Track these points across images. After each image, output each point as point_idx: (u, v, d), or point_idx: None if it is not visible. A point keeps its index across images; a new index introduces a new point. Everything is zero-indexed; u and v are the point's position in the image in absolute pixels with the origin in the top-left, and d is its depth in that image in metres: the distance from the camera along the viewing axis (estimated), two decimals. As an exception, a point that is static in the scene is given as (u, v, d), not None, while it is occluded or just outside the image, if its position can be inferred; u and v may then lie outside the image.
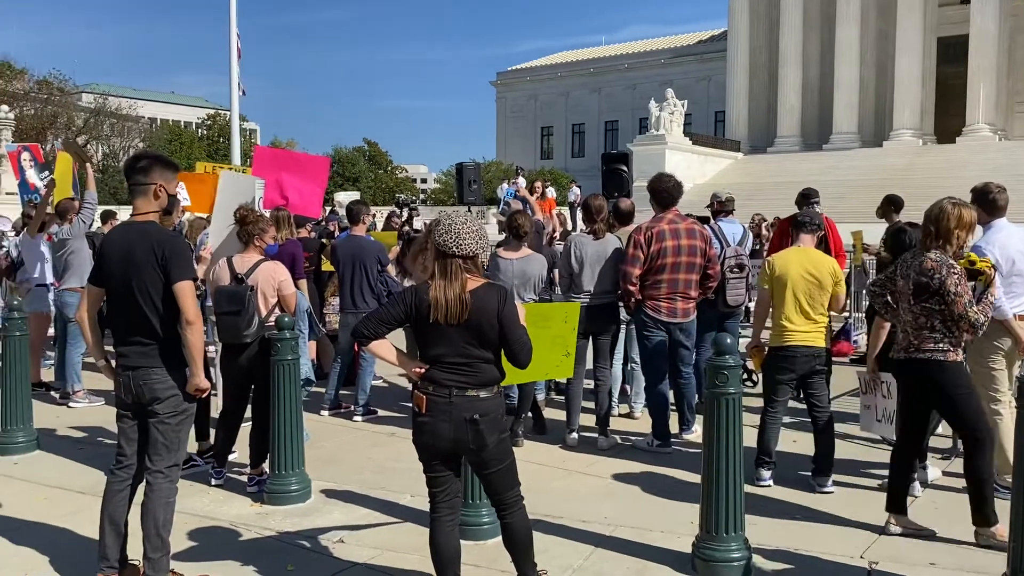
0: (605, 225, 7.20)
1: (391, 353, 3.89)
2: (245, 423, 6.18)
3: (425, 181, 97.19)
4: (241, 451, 6.34)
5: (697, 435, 6.91)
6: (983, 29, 41.04)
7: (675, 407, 7.23)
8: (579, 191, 29.89)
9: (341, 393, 8.33)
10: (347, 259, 8.01)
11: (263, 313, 5.89)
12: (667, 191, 6.95)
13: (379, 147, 67.88)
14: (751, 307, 9.68)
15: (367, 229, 8.60)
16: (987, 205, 5.89)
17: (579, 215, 10.86)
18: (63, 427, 7.68)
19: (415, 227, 13.55)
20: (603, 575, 4.62)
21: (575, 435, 7.07)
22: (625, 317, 7.37)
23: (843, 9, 44.49)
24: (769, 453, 6.03)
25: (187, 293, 4.16)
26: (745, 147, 46.96)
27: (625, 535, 5.09)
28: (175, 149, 53.08)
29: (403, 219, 14.35)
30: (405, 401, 8.42)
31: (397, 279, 8.60)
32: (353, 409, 8.07)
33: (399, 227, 13.43)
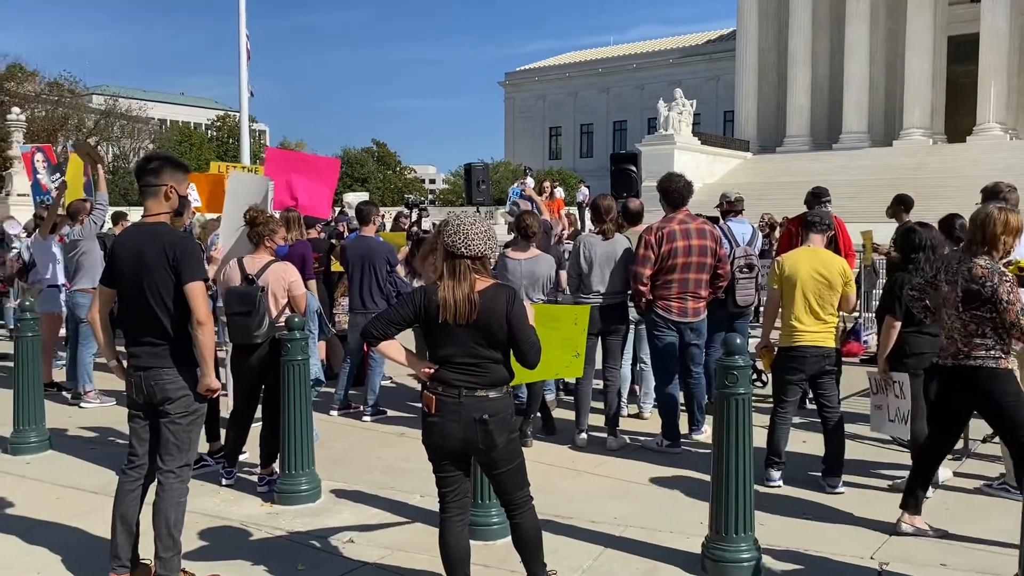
0: (614, 225, 7.19)
1: (400, 354, 3.90)
2: (255, 423, 6.21)
3: (434, 182, 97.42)
4: (251, 451, 6.37)
5: (706, 435, 6.91)
6: (994, 27, 40.85)
7: (684, 407, 7.23)
8: (587, 191, 29.85)
9: (350, 393, 8.35)
10: (356, 260, 8.03)
11: (274, 314, 5.92)
12: (678, 191, 6.95)
13: (387, 148, 68.11)
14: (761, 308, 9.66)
15: (376, 230, 8.61)
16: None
17: (587, 215, 10.85)
18: (75, 427, 7.72)
19: (424, 228, 13.57)
20: (613, 575, 4.62)
21: (584, 435, 7.07)
22: (634, 317, 7.37)
23: (852, 8, 44.34)
24: (779, 453, 6.02)
25: (198, 294, 4.18)
26: (754, 147, 46.85)
27: (635, 535, 5.09)
28: (185, 150, 53.30)
29: (412, 220, 14.37)
30: (414, 401, 8.43)
31: (406, 280, 8.62)
32: (362, 409, 8.09)
33: (408, 228, 13.46)
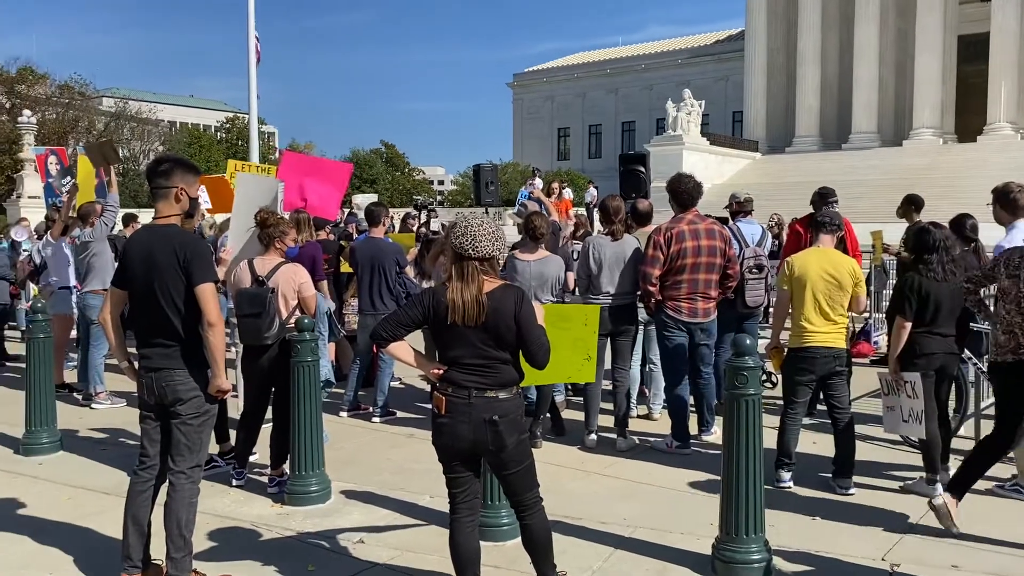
0: (623, 226, 7.19)
1: (409, 355, 3.91)
2: (266, 424, 6.23)
3: (442, 183, 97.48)
4: (262, 452, 6.39)
5: (716, 436, 6.89)
6: (1004, 26, 40.69)
7: (694, 408, 7.22)
8: (596, 192, 29.81)
9: (360, 394, 8.37)
10: (366, 261, 8.05)
11: (283, 315, 5.94)
12: (687, 192, 6.94)
13: (396, 149, 68.17)
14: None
15: (385, 231, 8.63)
16: (1009, 205, 5.85)
17: (596, 216, 10.84)
18: (86, 428, 7.76)
19: (433, 229, 13.59)
20: (623, 576, 4.61)
21: (594, 436, 7.07)
22: (643, 318, 7.36)
23: (862, 8, 44.23)
24: (789, 454, 6.01)
25: (209, 295, 4.20)
26: (763, 147, 46.76)
27: (644, 536, 5.08)
28: (194, 152, 53.42)
29: (421, 221, 14.39)
30: (423, 402, 8.45)
31: (415, 281, 8.63)
32: (372, 410, 8.10)
33: (417, 229, 13.48)
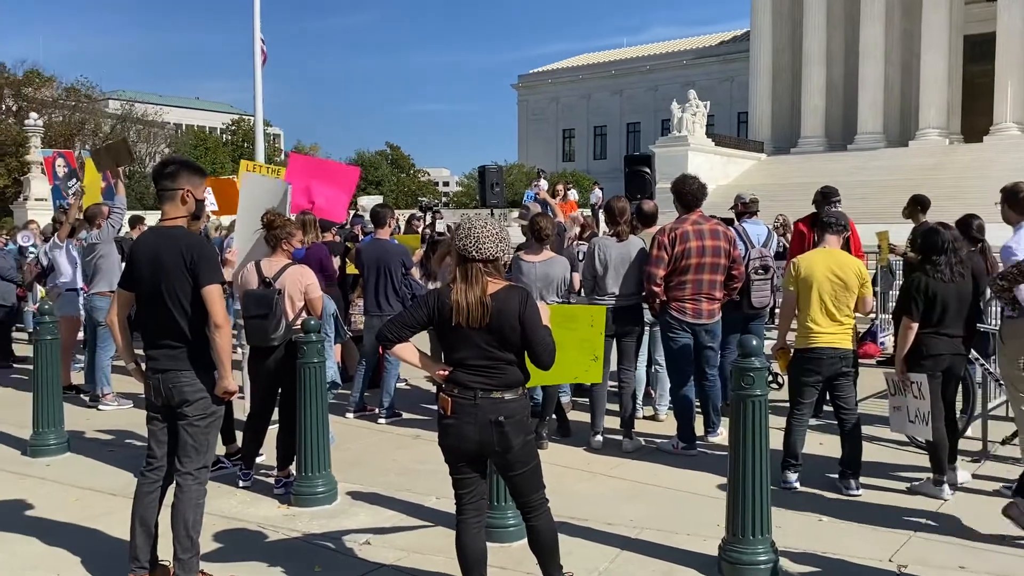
0: (628, 227, 7.19)
1: (415, 356, 3.91)
2: (272, 425, 6.24)
3: (447, 184, 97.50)
4: (268, 453, 6.40)
5: (722, 437, 6.88)
6: (1010, 26, 40.51)
7: (700, 409, 7.21)
8: (601, 193, 29.81)
9: (366, 395, 8.38)
10: (371, 262, 8.06)
11: (290, 316, 5.95)
12: (691, 193, 6.95)
13: (401, 151, 68.21)
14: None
15: (391, 232, 8.64)
16: (1017, 205, 5.82)
17: (601, 217, 10.86)
18: (93, 430, 7.78)
19: (438, 230, 13.62)
20: (629, 577, 4.61)
21: (599, 437, 7.07)
22: (649, 319, 7.36)
23: (867, 8, 44.10)
24: (796, 455, 6.00)
25: (215, 297, 4.21)
26: (768, 148, 46.66)
27: (651, 538, 5.08)
28: (200, 154, 53.57)
29: (426, 222, 14.43)
30: (429, 403, 8.46)
31: (421, 282, 8.64)
32: (377, 411, 8.11)
33: (422, 230, 13.50)
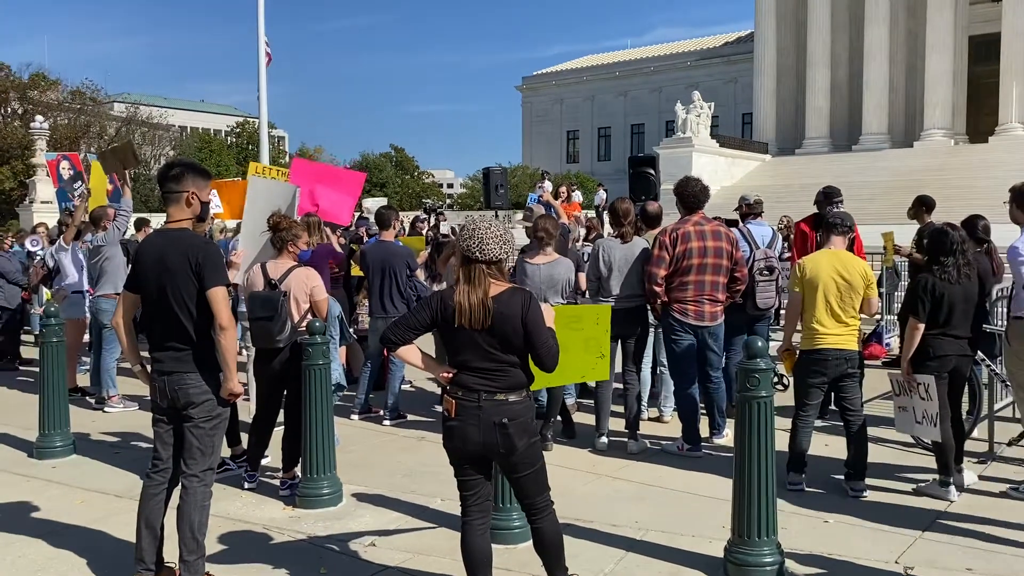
0: (632, 228, 7.19)
1: (419, 358, 3.91)
2: (277, 427, 6.25)
3: (452, 186, 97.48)
4: (273, 455, 6.41)
5: (728, 439, 6.88)
6: (1016, 26, 40.39)
7: (705, 411, 7.20)
8: (605, 195, 29.81)
9: (370, 397, 8.38)
10: (376, 264, 8.07)
11: (295, 318, 5.96)
12: (693, 195, 6.96)
13: (406, 152, 68.32)
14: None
15: (396, 234, 8.65)
16: (1026, 205, 5.81)
17: (606, 218, 10.87)
18: (99, 432, 7.80)
19: (442, 232, 13.64)
20: (634, 579, 4.60)
21: (605, 439, 7.06)
22: (653, 320, 7.35)
23: (872, 9, 44.02)
24: (801, 457, 5.99)
25: (220, 299, 4.22)
26: (773, 149, 46.59)
27: (656, 539, 5.08)
28: (205, 157, 53.65)
29: (431, 224, 14.45)
30: (434, 405, 8.46)
31: (426, 284, 8.64)
32: (382, 413, 8.12)
33: (426, 232, 13.52)
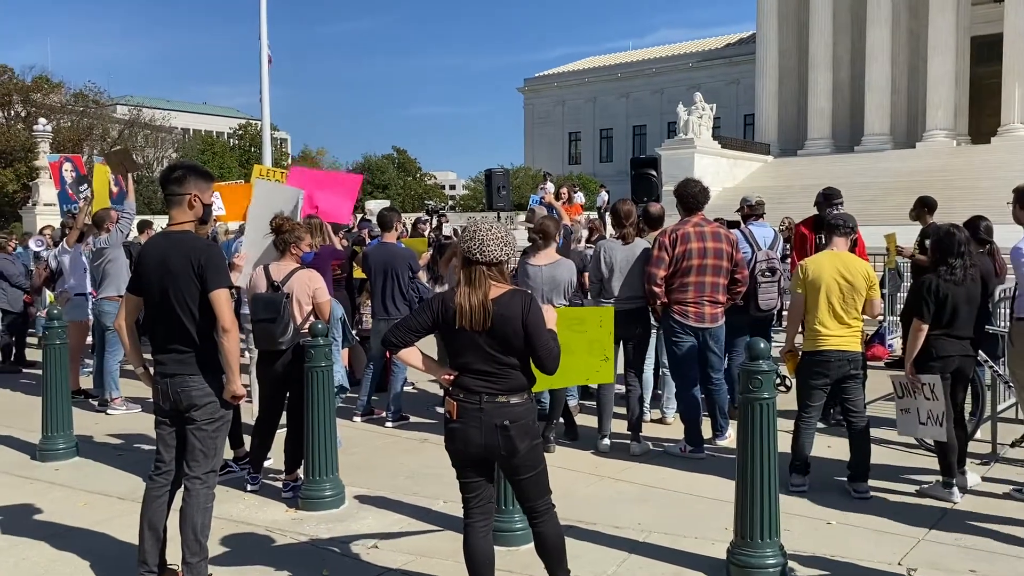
0: (634, 229, 7.20)
1: (420, 360, 3.91)
2: (280, 429, 6.25)
3: (454, 187, 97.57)
4: (276, 457, 6.41)
5: (730, 441, 6.87)
6: (1018, 27, 40.33)
7: (707, 413, 7.20)
8: (607, 196, 29.79)
9: (373, 399, 8.39)
10: (378, 266, 8.07)
11: (298, 320, 5.97)
12: (693, 196, 6.97)
13: (408, 154, 68.29)
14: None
15: (398, 236, 8.65)
16: (1030, 206, 5.81)
17: (608, 220, 10.87)
18: (102, 434, 7.81)
19: (444, 234, 13.63)
20: (637, 581, 4.60)
21: (607, 441, 7.06)
22: (656, 322, 7.35)
23: (873, 11, 43.99)
24: (804, 458, 5.98)
25: (223, 301, 4.23)
26: (775, 150, 46.56)
27: (659, 541, 5.07)
28: (208, 159, 53.70)
29: (433, 226, 14.43)
30: (436, 407, 8.46)
31: (428, 285, 8.64)
32: (385, 415, 8.12)
33: (428, 234, 13.51)
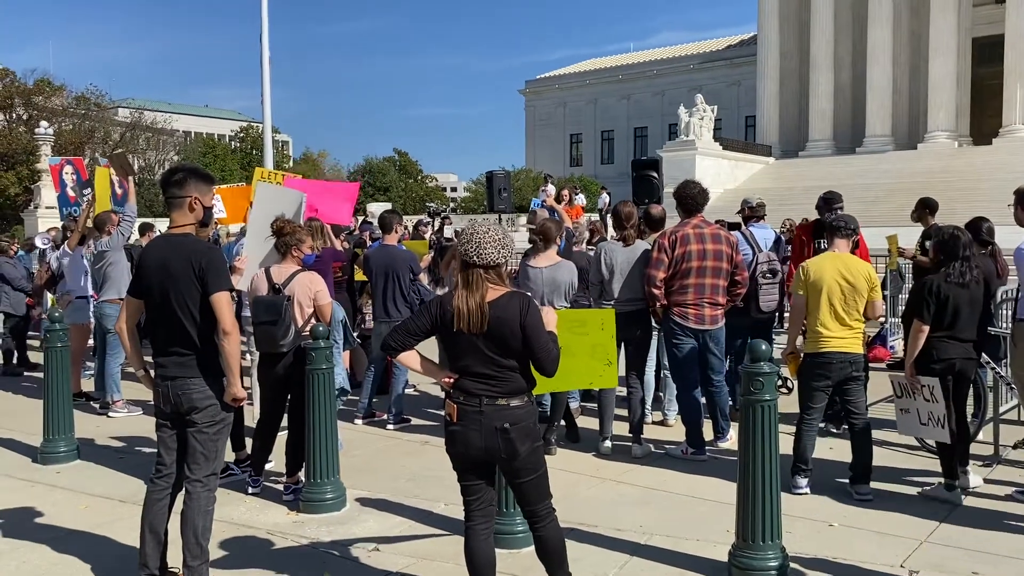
0: (635, 231, 7.20)
1: (420, 364, 3.91)
2: (281, 432, 6.25)
3: (455, 190, 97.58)
4: (277, 460, 6.40)
5: (732, 443, 6.86)
6: (1019, 28, 40.32)
7: (708, 415, 7.19)
8: (608, 198, 29.79)
9: (374, 401, 8.38)
10: (380, 269, 8.07)
11: (299, 323, 5.97)
12: (692, 197, 6.97)
13: (409, 156, 68.29)
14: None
15: (399, 238, 8.65)
16: (1030, 207, 5.80)
17: (609, 222, 10.87)
18: (103, 437, 7.81)
19: (447, 236, 13.64)
20: (639, 584, 4.60)
21: (609, 443, 7.05)
22: (656, 323, 7.34)
23: (875, 11, 43.98)
24: (805, 460, 5.97)
25: (223, 304, 4.23)
26: (776, 152, 46.55)
27: (660, 544, 5.06)
28: (209, 162, 53.78)
29: (435, 228, 14.45)
30: (437, 409, 8.45)
31: (430, 288, 8.64)
32: (386, 418, 8.11)
33: (430, 236, 13.52)
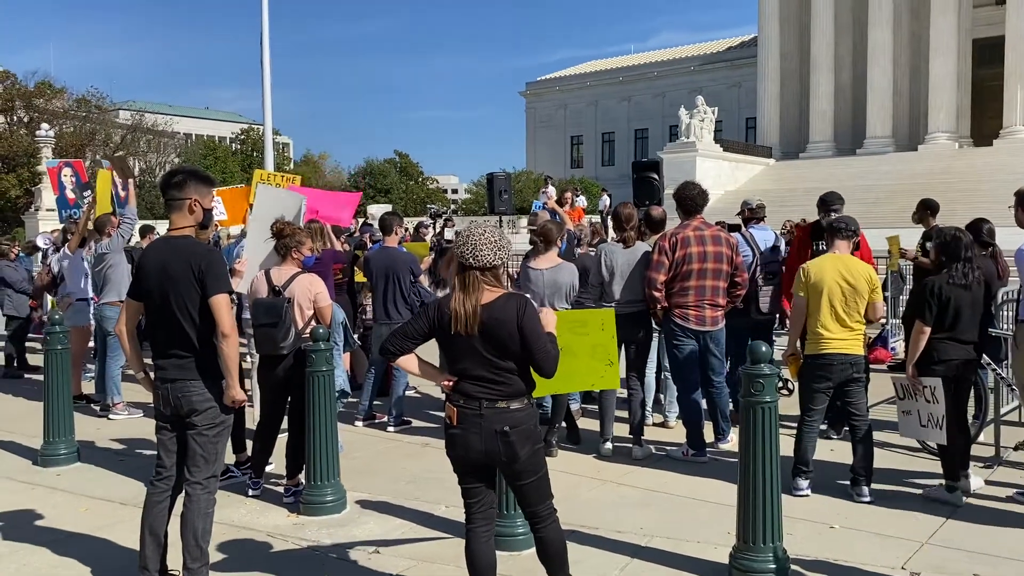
0: (635, 233, 7.20)
1: (419, 367, 3.91)
2: (281, 434, 6.24)
3: (456, 191, 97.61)
4: (277, 462, 6.40)
5: (732, 444, 6.85)
6: (1019, 29, 40.36)
7: (709, 417, 7.18)
8: (609, 200, 29.77)
9: (375, 403, 8.38)
10: (380, 271, 8.07)
11: (299, 325, 5.96)
12: (691, 199, 6.97)
13: (410, 158, 68.33)
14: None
15: (399, 240, 8.65)
16: (1031, 208, 5.80)
17: (610, 223, 10.85)
18: (103, 439, 7.80)
19: (448, 238, 13.63)
20: (639, 586, 4.59)
21: (609, 445, 7.04)
22: (657, 325, 7.33)
23: (875, 12, 44.03)
24: (806, 462, 5.97)
25: (223, 306, 4.22)
26: (777, 153, 46.58)
27: (661, 546, 5.06)
28: (210, 164, 53.84)
29: (436, 230, 14.44)
30: (438, 411, 8.44)
31: (430, 289, 8.64)
32: (386, 420, 8.11)
33: (431, 238, 13.52)
